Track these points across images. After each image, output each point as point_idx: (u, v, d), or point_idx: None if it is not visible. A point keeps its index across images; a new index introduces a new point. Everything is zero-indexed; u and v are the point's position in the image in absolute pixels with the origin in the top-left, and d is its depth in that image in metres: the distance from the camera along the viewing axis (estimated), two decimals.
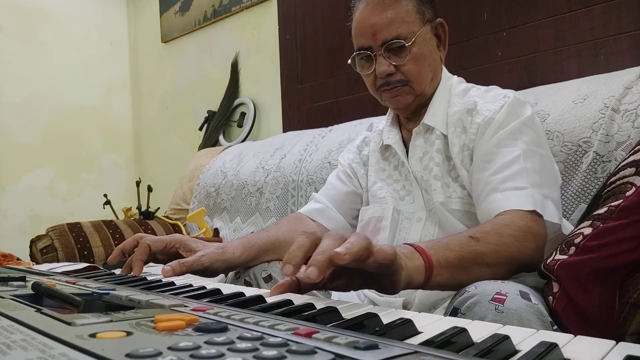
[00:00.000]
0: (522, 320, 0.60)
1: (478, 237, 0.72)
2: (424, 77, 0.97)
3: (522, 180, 0.83)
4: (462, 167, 0.92)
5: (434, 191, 0.93)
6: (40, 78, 2.87)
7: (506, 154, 0.86)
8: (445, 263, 0.66)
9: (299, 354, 0.30)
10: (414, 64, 0.94)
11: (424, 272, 0.63)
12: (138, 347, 0.29)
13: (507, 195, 0.82)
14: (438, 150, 0.95)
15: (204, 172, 2.09)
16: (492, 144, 0.88)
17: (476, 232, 0.74)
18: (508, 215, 0.80)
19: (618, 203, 0.69)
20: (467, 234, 0.73)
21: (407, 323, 0.41)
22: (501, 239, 0.74)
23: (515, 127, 0.88)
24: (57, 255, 1.66)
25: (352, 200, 1.11)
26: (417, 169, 0.98)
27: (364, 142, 1.15)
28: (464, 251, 0.69)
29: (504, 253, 0.73)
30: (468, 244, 0.71)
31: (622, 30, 1.34)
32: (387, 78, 0.96)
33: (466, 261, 0.69)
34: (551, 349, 0.33)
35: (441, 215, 0.92)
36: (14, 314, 0.41)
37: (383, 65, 0.94)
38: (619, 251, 0.66)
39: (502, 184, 0.84)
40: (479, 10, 1.61)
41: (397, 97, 0.97)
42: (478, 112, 0.92)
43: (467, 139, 0.92)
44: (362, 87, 1.02)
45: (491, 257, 0.72)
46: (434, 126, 0.97)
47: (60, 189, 2.93)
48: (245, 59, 2.51)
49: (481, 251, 0.71)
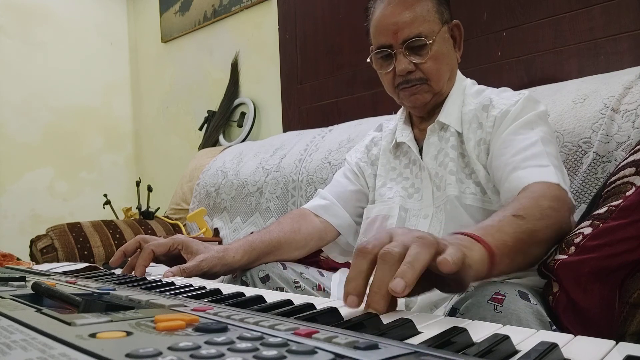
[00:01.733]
0: (520, 321, 0.60)
1: (522, 214, 0.67)
2: (443, 76, 0.98)
3: (544, 159, 0.83)
4: (477, 161, 0.92)
5: (448, 185, 0.93)
6: (40, 78, 2.87)
7: (523, 139, 0.87)
8: (504, 248, 0.61)
9: (299, 354, 0.30)
10: (434, 62, 0.96)
11: (487, 262, 0.58)
12: (138, 347, 0.29)
13: (531, 171, 0.81)
14: (453, 146, 0.96)
15: (204, 172, 2.09)
16: (509, 132, 0.89)
17: (516, 209, 0.69)
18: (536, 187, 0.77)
19: (618, 203, 0.68)
20: (508, 213, 0.68)
21: (407, 323, 0.41)
22: (543, 211, 0.71)
23: (531, 118, 0.89)
24: (57, 255, 1.66)
25: (357, 199, 1.11)
26: (432, 166, 0.98)
27: (372, 142, 1.15)
28: (518, 232, 0.64)
29: (551, 226, 0.70)
30: (517, 223, 0.66)
31: (622, 30, 1.34)
32: (406, 76, 0.96)
33: (522, 243, 0.65)
34: (551, 349, 0.33)
35: (453, 210, 0.92)
36: (14, 314, 0.41)
37: (403, 63, 0.95)
38: (619, 251, 0.66)
39: (523, 162, 0.83)
40: (479, 10, 1.61)
41: (415, 95, 0.98)
42: (494, 106, 0.94)
43: (484, 133, 0.93)
44: (362, 87, 1.02)
45: (542, 233, 0.69)
46: (448, 124, 0.97)
47: (60, 189, 2.93)
48: (245, 59, 2.51)
49: (532, 229, 0.67)
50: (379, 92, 1.91)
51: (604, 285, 0.67)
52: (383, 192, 1.05)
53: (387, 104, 1.86)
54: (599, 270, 0.67)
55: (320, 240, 1.08)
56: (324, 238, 1.08)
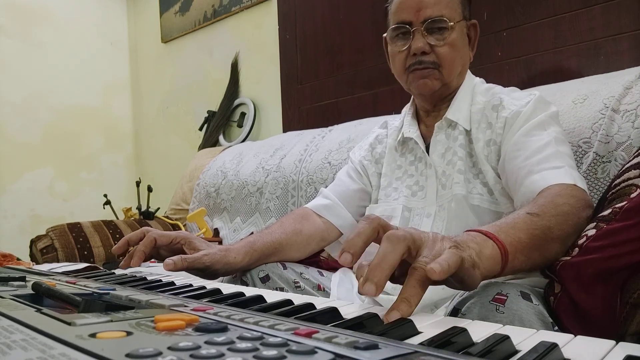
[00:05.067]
0: (523, 321, 0.60)
1: (536, 212, 0.68)
2: (455, 67, 0.97)
3: (558, 160, 0.82)
4: (486, 162, 0.92)
5: (455, 184, 0.93)
6: (40, 78, 2.87)
7: (536, 141, 0.86)
8: (519, 245, 0.61)
9: (299, 354, 0.30)
10: (450, 48, 0.95)
11: (500, 260, 0.58)
12: (138, 347, 0.29)
13: (545, 175, 0.81)
14: (461, 145, 0.95)
15: (204, 172, 2.09)
16: (521, 134, 0.88)
17: (531, 208, 0.69)
18: (551, 189, 0.77)
19: (622, 205, 0.68)
20: (523, 212, 0.68)
21: (407, 323, 0.41)
22: (560, 208, 0.70)
23: (543, 119, 0.89)
24: (57, 255, 1.65)
25: (360, 198, 1.11)
26: (439, 163, 0.97)
27: (376, 140, 1.14)
28: (532, 228, 0.64)
29: (568, 222, 0.70)
30: (532, 220, 0.66)
31: (622, 30, 1.34)
32: (420, 56, 0.96)
33: (538, 239, 0.65)
34: (551, 349, 0.33)
35: (459, 209, 0.91)
36: (14, 314, 0.41)
37: (420, 42, 0.94)
38: (622, 252, 0.66)
39: (537, 165, 0.83)
40: (479, 10, 1.61)
41: (425, 79, 0.97)
42: (504, 107, 0.93)
43: (494, 134, 0.92)
44: (362, 87, 1.02)
45: (558, 229, 0.68)
46: (457, 121, 0.97)
47: (60, 189, 2.93)
48: (245, 59, 2.51)
49: (547, 225, 0.67)
50: (379, 92, 1.92)
51: (606, 286, 0.67)
52: (388, 193, 1.04)
53: (387, 104, 1.87)
54: (602, 272, 0.67)
55: (322, 241, 1.08)
56: (326, 238, 1.08)
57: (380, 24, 1.05)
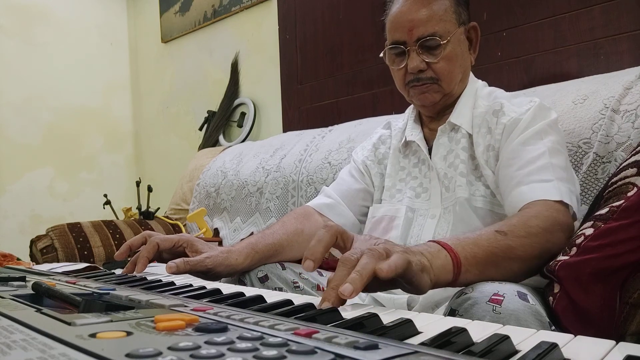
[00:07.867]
0: (519, 321, 0.60)
1: (505, 230, 0.71)
2: (454, 77, 0.98)
3: (548, 173, 0.84)
4: (486, 166, 0.93)
5: (458, 187, 0.93)
6: (40, 78, 2.87)
7: (532, 150, 0.87)
8: (473, 259, 0.65)
9: (299, 354, 0.30)
10: (446, 63, 0.95)
11: (452, 270, 0.62)
12: (138, 347, 0.29)
13: (533, 187, 0.83)
14: (464, 148, 0.96)
15: (204, 172, 2.09)
16: (518, 143, 0.89)
17: (503, 225, 0.73)
18: (534, 206, 0.79)
19: (619, 203, 0.68)
20: (493, 229, 0.72)
21: (407, 323, 0.41)
22: (529, 230, 0.73)
23: (541, 127, 0.89)
24: (57, 255, 1.65)
25: (362, 198, 1.11)
26: (441, 166, 0.98)
27: (380, 140, 1.14)
28: (492, 246, 0.68)
29: (534, 245, 0.72)
30: (495, 238, 0.69)
31: (622, 30, 1.34)
32: (417, 74, 0.96)
33: (496, 256, 0.68)
34: (551, 349, 0.33)
35: (463, 212, 0.92)
36: (14, 314, 0.41)
37: (415, 61, 0.95)
38: (621, 251, 0.66)
39: (527, 177, 0.84)
40: (479, 11, 1.61)
41: (425, 93, 0.98)
42: (504, 113, 0.93)
43: (493, 140, 0.93)
44: (362, 88, 1.02)
45: (521, 250, 0.71)
46: (459, 125, 0.97)
47: (60, 189, 2.93)
48: (245, 59, 2.51)
49: (510, 245, 0.70)
50: (379, 92, 1.92)
51: (605, 285, 0.67)
52: (393, 194, 1.05)
53: (387, 104, 1.87)
54: (601, 271, 0.67)
55: None
56: None
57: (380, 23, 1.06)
